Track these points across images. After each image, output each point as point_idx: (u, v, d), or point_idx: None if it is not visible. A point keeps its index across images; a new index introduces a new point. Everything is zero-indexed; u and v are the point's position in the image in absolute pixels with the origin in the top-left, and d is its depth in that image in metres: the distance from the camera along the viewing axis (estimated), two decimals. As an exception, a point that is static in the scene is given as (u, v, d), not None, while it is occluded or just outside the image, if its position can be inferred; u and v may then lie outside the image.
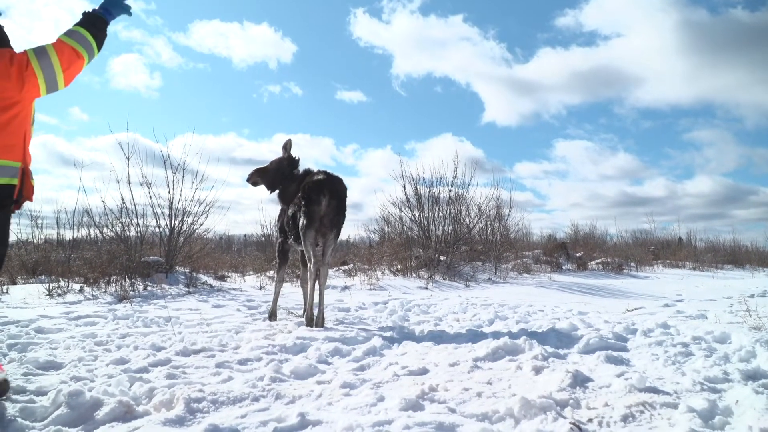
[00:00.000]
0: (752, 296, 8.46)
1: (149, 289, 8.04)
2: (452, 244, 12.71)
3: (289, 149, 5.96)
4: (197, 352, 3.98)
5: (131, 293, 7.52)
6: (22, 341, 4.16)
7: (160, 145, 10.02)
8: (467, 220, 13.87)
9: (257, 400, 2.81)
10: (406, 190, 13.38)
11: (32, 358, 3.55)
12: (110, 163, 9.58)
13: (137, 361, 3.64)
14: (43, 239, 9.88)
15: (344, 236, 17.28)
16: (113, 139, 9.32)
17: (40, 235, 10.34)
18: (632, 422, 2.43)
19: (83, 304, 6.62)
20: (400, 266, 11.88)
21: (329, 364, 3.71)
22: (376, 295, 8.53)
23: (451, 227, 13.14)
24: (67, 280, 7.82)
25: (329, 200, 5.18)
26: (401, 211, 13.60)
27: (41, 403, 2.57)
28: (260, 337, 4.54)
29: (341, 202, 5.35)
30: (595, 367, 3.39)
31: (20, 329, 4.67)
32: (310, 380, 3.24)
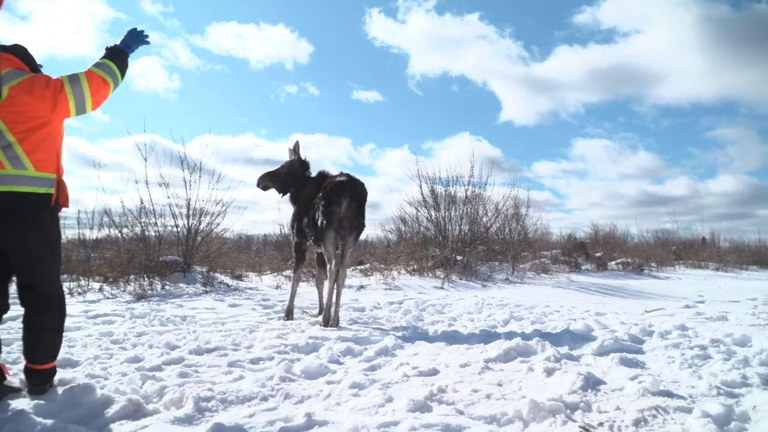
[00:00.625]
0: (777, 298, 8.31)
1: (167, 288, 8.12)
2: (469, 243, 12.64)
3: (297, 151, 6.00)
4: (210, 351, 4.01)
5: (149, 292, 7.60)
6: None
7: (179, 146, 10.10)
8: (484, 219, 13.78)
9: (266, 399, 2.83)
10: (422, 189, 13.35)
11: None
12: (129, 163, 9.68)
13: (151, 359, 3.68)
14: (65, 239, 9.97)
15: (362, 236, 17.27)
16: (133, 140, 9.41)
17: (62, 234, 10.46)
18: (644, 427, 2.40)
19: (102, 302, 6.70)
20: (416, 266, 11.84)
21: (341, 363, 3.72)
22: (391, 294, 8.52)
23: (467, 227, 13.07)
24: (87, 279, 7.93)
25: (349, 202, 5.19)
26: (418, 210, 13.57)
27: (54, 399, 2.60)
28: (273, 336, 4.56)
29: (361, 205, 5.36)
30: (608, 369, 3.34)
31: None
32: (320, 380, 3.24)
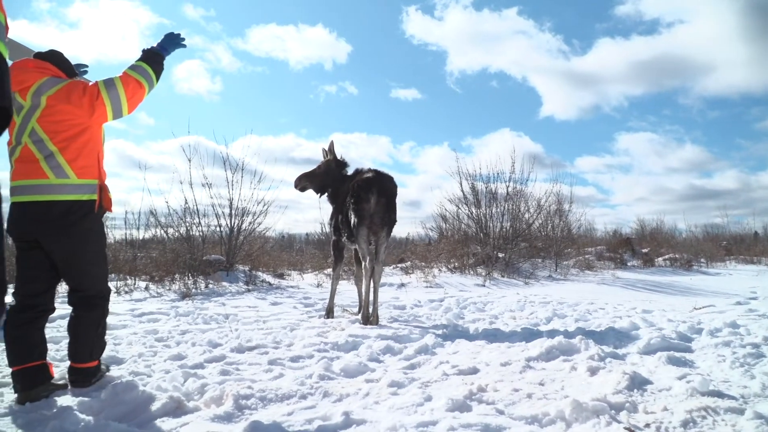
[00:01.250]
0: (836, 294, 7.94)
1: (210, 286, 8.27)
2: (511, 240, 12.47)
3: (333, 151, 6.06)
4: (251, 348, 4.05)
5: (193, 291, 7.75)
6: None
7: (222, 146, 10.28)
8: (526, 216, 13.58)
9: (305, 397, 2.83)
10: (462, 186, 13.23)
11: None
12: (174, 165, 9.92)
13: (193, 357, 3.74)
14: (112, 240, 10.27)
15: (403, 233, 17.28)
16: (178, 142, 9.66)
17: (109, 235, 10.76)
18: (693, 428, 2.30)
19: (148, 301, 6.87)
20: (457, 263, 11.75)
21: (380, 362, 3.70)
22: (432, 292, 8.47)
23: (509, 223, 12.89)
24: (134, 278, 8.15)
25: (378, 198, 5.18)
26: (458, 207, 13.46)
27: (98, 397, 2.66)
28: (313, 334, 4.58)
29: (390, 199, 5.34)
30: (655, 368, 3.23)
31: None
32: (359, 378, 3.23)
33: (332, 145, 6.11)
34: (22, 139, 2.86)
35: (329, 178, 6.00)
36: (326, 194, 6.09)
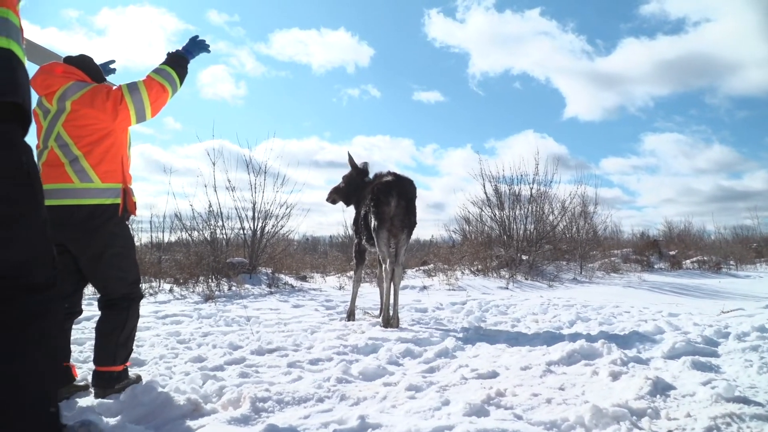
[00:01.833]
0: None
1: (233, 289, 8.34)
2: (534, 242, 12.35)
3: (351, 162, 6.21)
4: (272, 351, 4.06)
5: (216, 293, 7.83)
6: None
7: (246, 150, 10.40)
8: (550, 218, 13.44)
9: (322, 400, 2.83)
10: (485, 188, 13.15)
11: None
12: (198, 168, 10.05)
13: (214, 359, 3.77)
14: (139, 242, 10.43)
15: (426, 236, 17.21)
16: (203, 146, 9.79)
17: (135, 238, 10.93)
18: (717, 435, 2.24)
19: (172, 303, 6.95)
20: (480, 266, 11.67)
21: (399, 365, 3.69)
22: (454, 295, 8.43)
23: (533, 225, 12.77)
24: (158, 280, 8.26)
25: (398, 200, 5.23)
26: (481, 210, 13.38)
27: (117, 398, 2.69)
28: (333, 337, 4.58)
29: (410, 202, 5.38)
30: (679, 373, 3.15)
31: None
32: (377, 382, 3.22)
33: (349, 157, 6.21)
34: (48, 143, 2.89)
35: (352, 187, 6.17)
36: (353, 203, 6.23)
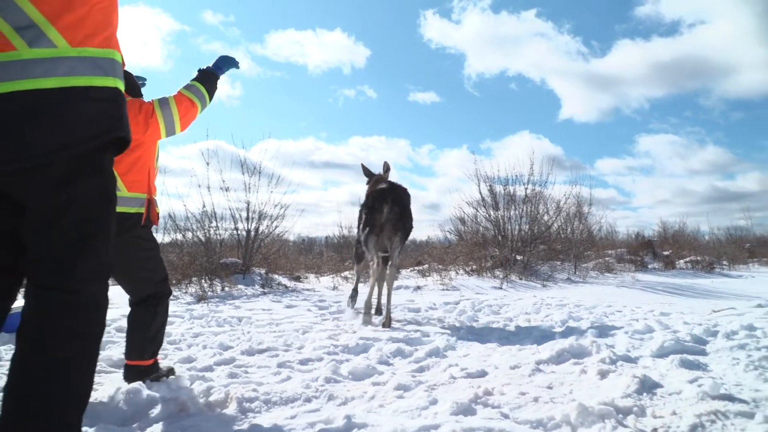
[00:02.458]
0: None
1: (226, 289, 8.33)
2: (529, 243, 12.36)
3: (364, 172, 6.55)
4: (262, 351, 4.06)
5: (209, 294, 7.81)
6: (102, 340, 4.38)
7: (242, 151, 10.41)
8: (545, 218, 13.46)
9: (309, 400, 2.82)
10: (480, 189, 13.16)
11: (106, 356, 3.75)
12: (192, 168, 10.04)
13: (203, 360, 3.76)
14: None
15: (422, 236, 17.23)
16: (197, 147, 9.82)
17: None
18: (702, 433, 2.24)
19: (164, 304, 6.91)
20: (474, 266, 11.68)
21: (389, 365, 3.68)
22: (448, 295, 8.43)
23: (527, 226, 12.79)
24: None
25: (391, 207, 5.44)
26: (476, 210, 13.38)
27: (102, 400, 2.67)
28: (325, 337, 4.58)
29: (404, 209, 5.61)
30: (666, 371, 3.15)
31: (102, 328, 4.92)
32: (366, 381, 3.21)
33: (362, 168, 6.52)
34: None
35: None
36: None
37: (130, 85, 3.27)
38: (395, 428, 2.28)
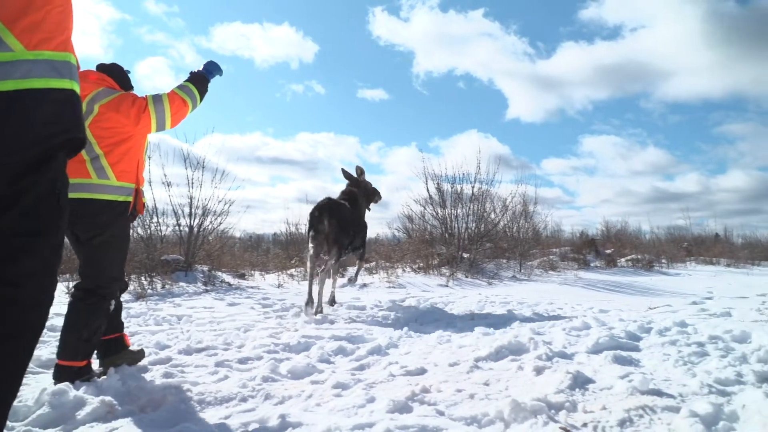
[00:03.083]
0: (788, 293, 8.13)
1: (167, 287, 8.11)
2: (476, 241, 12.53)
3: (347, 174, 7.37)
4: (200, 350, 3.97)
5: (149, 292, 7.60)
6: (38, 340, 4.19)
7: (186, 144, 10.16)
8: (492, 216, 13.67)
9: (245, 400, 2.77)
10: (428, 187, 13.27)
11: (36, 356, 3.58)
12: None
13: (138, 359, 3.64)
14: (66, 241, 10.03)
15: (371, 234, 17.28)
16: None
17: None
18: (630, 427, 2.30)
19: (101, 302, 6.68)
20: (421, 264, 11.75)
21: (330, 363, 3.65)
22: (394, 293, 8.45)
23: (474, 224, 12.95)
24: (87, 279, 7.92)
25: (329, 220, 6.06)
26: (424, 208, 13.48)
27: (26, 402, 2.55)
28: (266, 335, 4.51)
29: (341, 221, 6.20)
30: (600, 367, 3.24)
31: (32, 328, 4.72)
32: (305, 380, 3.18)
33: (343, 172, 7.39)
34: None
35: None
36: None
37: (121, 78, 3.49)
38: (329, 427, 2.26)
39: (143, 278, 8.20)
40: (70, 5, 1.88)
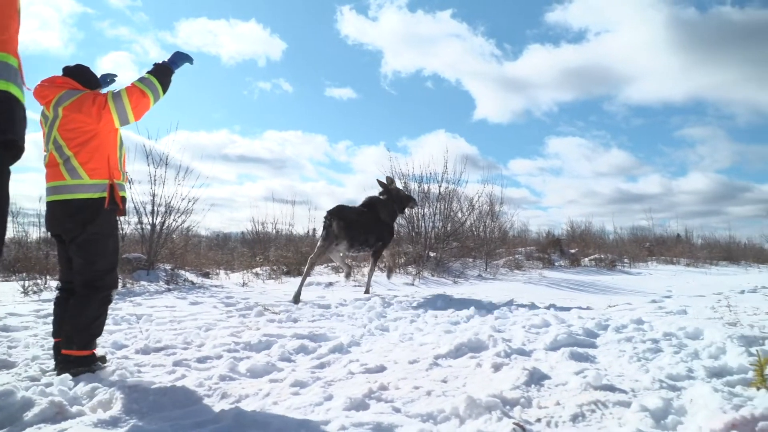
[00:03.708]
0: (742, 292, 8.39)
1: (128, 286, 7.96)
2: (442, 240, 12.59)
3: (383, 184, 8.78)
4: (159, 350, 3.91)
5: (117, 291, 7.43)
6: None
7: (148, 141, 9.99)
8: (459, 215, 13.75)
9: (201, 399, 2.74)
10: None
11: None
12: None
13: (92, 359, 3.56)
14: (24, 235, 9.78)
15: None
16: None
17: (21, 231, 10.17)
18: (581, 422, 2.34)
19: (58, 301, 6.52)
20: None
21: (291, 361, 3.64)
22: (359, 291, 8.43)
23: (441, 223, 13.02)
24: (44, 277, 7.74)
25: (338, 222, 7.64)
26: (392, 207, 13.46)
27: (-30, 403, 2.48)
28: (227, 334, 4.46)
29: (347, 222, 7.69)
30: (556, 364, 3.28)
31: (-16, 328, 4.59)
32: (263, 378, 3.16)
33: (378, 182, 8.78)
34: (48, 146, 3.29)
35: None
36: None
37: (86, 79, 3.54)
38: (284, 426, 2.25)
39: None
40: (13, 7, 1.85)
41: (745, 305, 5.80)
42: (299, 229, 15.19)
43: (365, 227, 7.91)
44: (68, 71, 3.51)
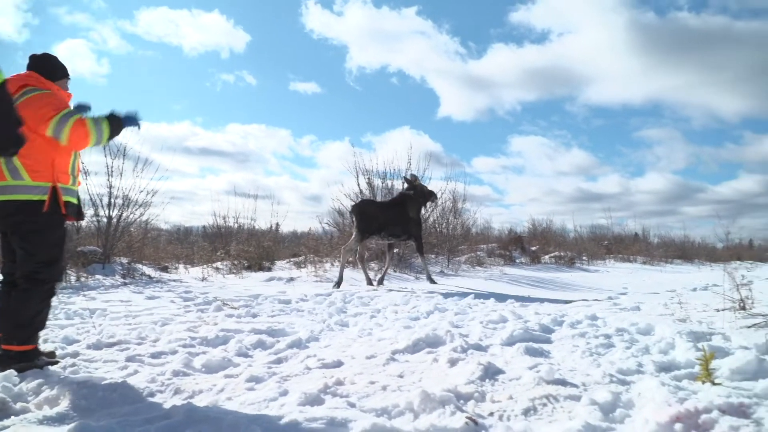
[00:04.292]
0: (694, 289, 8.62)
1: (82, 280, 7.76)
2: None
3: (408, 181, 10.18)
4: (111, 345, 3.83)
5: (62, 284, 7.24)
6: None
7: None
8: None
9: (153, 395, 2.69)
10: (359, 182, 13.28)
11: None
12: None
13: (41, 354, 3.45)
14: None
15: (304, 228, 17.15)
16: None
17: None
18: (533, 416, 2.38)
19: (8, 295, 6.32)
20: (351, 258, 11.73)
21: (248, 357, 3.60)
22: (320, 286, 8.42)
23: (404, 219, 13.02)
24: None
25: (354, 216, 9.17)
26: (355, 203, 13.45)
27: None
28: (184, 329, 4.40)
29: (360, 215, 9.09)
30: (511, 358, 3.33)
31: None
32: (218, 374, 3.12)
33: (404, 179, 10.34)
34: None
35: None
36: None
37: (43, 67, 3.47)
38: (237, 421, 2.22)
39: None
40: None
41: (695, 302, 5.97)
42: (261, 223, 15.04)
43: (379, 221, 9.08)
44: (34, 60, 3.49)
